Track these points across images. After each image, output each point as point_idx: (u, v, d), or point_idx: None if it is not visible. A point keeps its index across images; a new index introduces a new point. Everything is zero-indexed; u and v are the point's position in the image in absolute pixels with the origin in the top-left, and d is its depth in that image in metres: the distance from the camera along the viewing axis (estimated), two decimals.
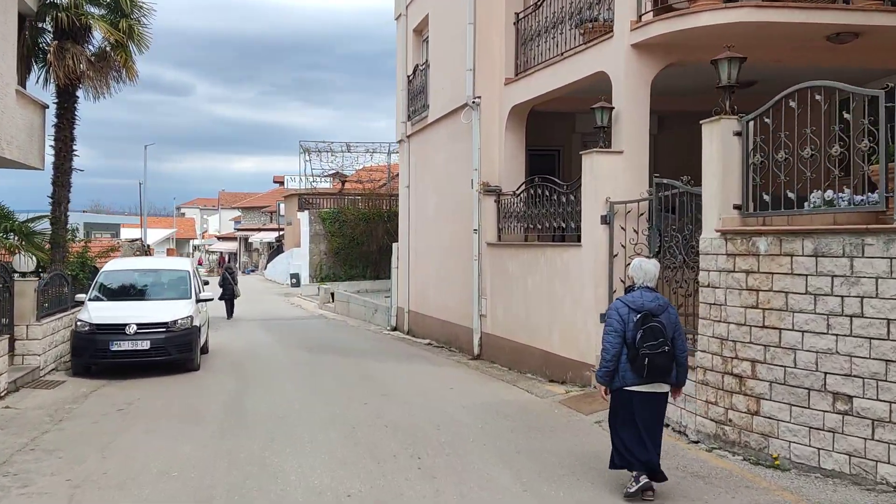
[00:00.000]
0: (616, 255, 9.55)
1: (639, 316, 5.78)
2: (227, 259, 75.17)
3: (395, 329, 19.09)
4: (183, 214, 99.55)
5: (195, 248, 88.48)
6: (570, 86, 11.02)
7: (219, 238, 79.33)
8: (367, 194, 35.14)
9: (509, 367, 12.13)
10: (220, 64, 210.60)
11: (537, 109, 12.82)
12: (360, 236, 34.03)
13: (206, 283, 24.35)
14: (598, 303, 9.55)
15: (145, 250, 31.69)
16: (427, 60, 16.50)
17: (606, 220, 9.69)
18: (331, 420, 8.80)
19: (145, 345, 12.01)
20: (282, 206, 51.26)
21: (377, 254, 34.10)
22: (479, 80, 13.13)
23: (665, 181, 8.50)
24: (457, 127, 14.44)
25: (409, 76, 17.68)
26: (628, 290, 6.33)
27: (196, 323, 12.80)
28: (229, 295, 24.95)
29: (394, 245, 19.51)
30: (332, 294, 28.25)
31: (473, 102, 13.19)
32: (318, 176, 40.52)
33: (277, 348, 15.98)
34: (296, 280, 41.71)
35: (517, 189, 12.30)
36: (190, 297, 13.28)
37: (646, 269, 6.08)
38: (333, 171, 40.42)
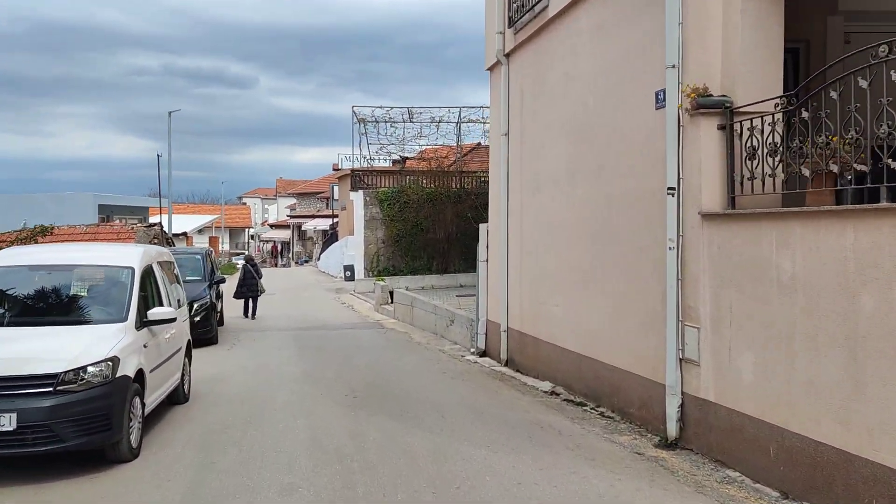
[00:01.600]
0: None
1: None
2: (275, 247, 70.31)
3: (483, 354, 12.63)
4: (244, 203, 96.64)
5: (251, 237, 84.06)
6: None
7: (272, 226, 74.44)
8: (434, 171, 28.76)
9: (781, 486, 5.51)
10: (281, 57, 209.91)
11: None
12: (424, 221, 27.68)
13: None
14: None
15: (165, 239, 25.96)
16: None
17: None
18: None
19: (6, 422, 5.87)
20: (335, 188, 45.40)
21: (445, 243, 27.68)
22: None
23: None
24: (618, 5, 7.86)
25: None
26: None
27: (128, 369, 6.61)
28: (251, 291, 20.96)
29: (481, 228, 13.02)
30: (391, 293, 22.00)
31: None
32: (375, 152, 34.39)
33: (300, 395, 9.68)
34: (350, 273, 35.69)
35: (787, 101, 5.67)
36: (123, 319, 7.08)
37: None
38: (395, 158, 34.30)
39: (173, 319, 7.80)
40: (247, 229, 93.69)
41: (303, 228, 58.83)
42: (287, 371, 11.55)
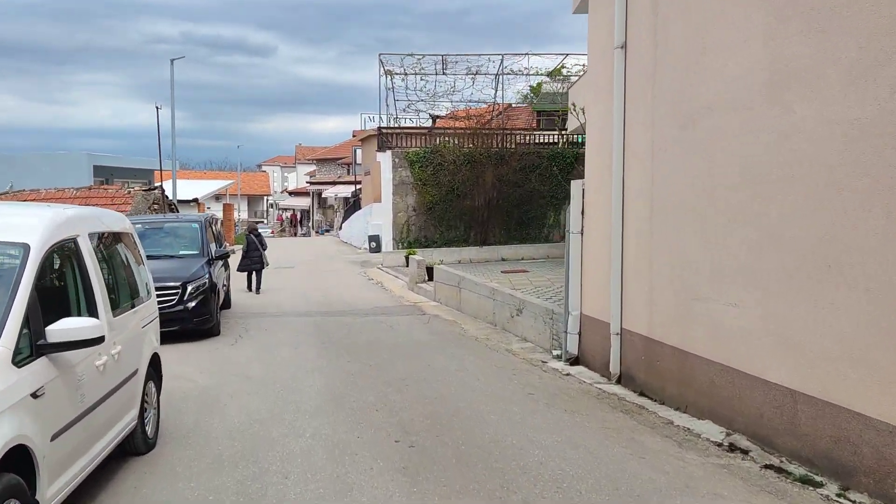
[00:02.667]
0: None
1: None
2: (294, 216, 67.02)
3: (575, 361, 9.14)
4: (263, 171, 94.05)
5: (270, 205, 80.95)
6: None
7: (290, 194, 71.21)
8: (474, 131, 25.07)
9: None
10: (302, 24, 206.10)
11: None
12: (460, 185, 24.10)
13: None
14: None
15: (168, 205, 22.68)
16: None
17: None
18: None
19: None
20: (358, 152, 41.83)
21: (484, 210, 24.16)
22: None
23: None
24: None
25: None
26: None
27: None
28: (255, 264, 18.77)
29: (573, 186, 9.38)
30: (429, 270, 18.55)
31: None
32: (403, 110, 30.66)
33: (327, 444, 6.19)
34: (375, 244, 32.29)
35: None
36: None
37: None
38: (426, 116, 30.59)
39: (99, 340, 4.32)
40: (265, 197, 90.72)
41: (323, 196, 55.44)
42: (306, 388, 8.12)
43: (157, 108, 30.86)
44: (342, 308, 15.45)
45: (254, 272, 18.66)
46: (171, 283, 11.31)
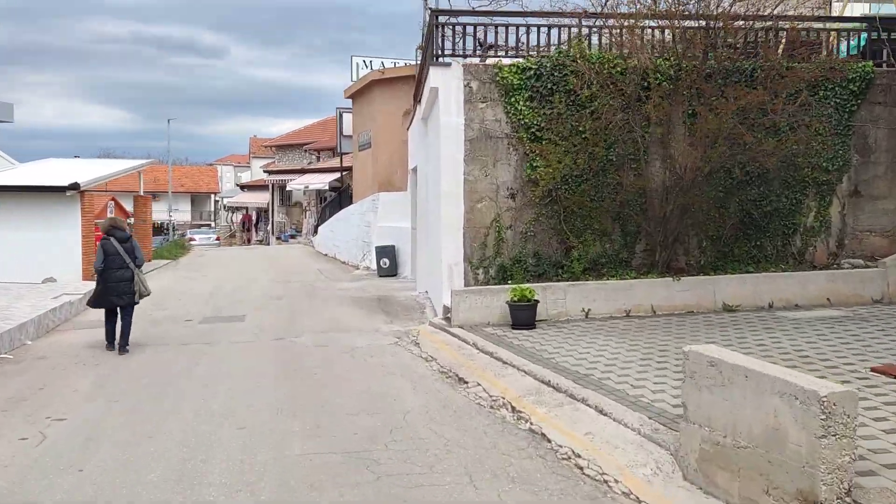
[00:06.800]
0: None
1: None
2: (248, 216, 52.37)
3: None
4: (211, 165, 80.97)
5: (225, 206, 65.96)
6: None
7: (243, 188, 56.69)
8: (674, 13, 11.52)
9: None
10: (255, 27, 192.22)
11: None
12: (623, 143, 10.84)
13: None
14: None
15: None
16: None
17: None
18: None
19: None
20: (346, 118, 27.90)
21: (677, 196, 10.94)
22: None
23: None
24: None
25: None
26: None
27: None
28: (122, 295, 10.04)
29: None
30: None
31: None
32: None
33: None
34: (388, 262, 18.71)
35: None
36: None
37: None
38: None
39: None
40: (212, 195, 75.82)
41: (287, 189, 41.29)
42: None
43: None
44: None
45: (119, 310, 9.99)
46: None
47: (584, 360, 7.84)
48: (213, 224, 69.35)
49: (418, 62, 19.39)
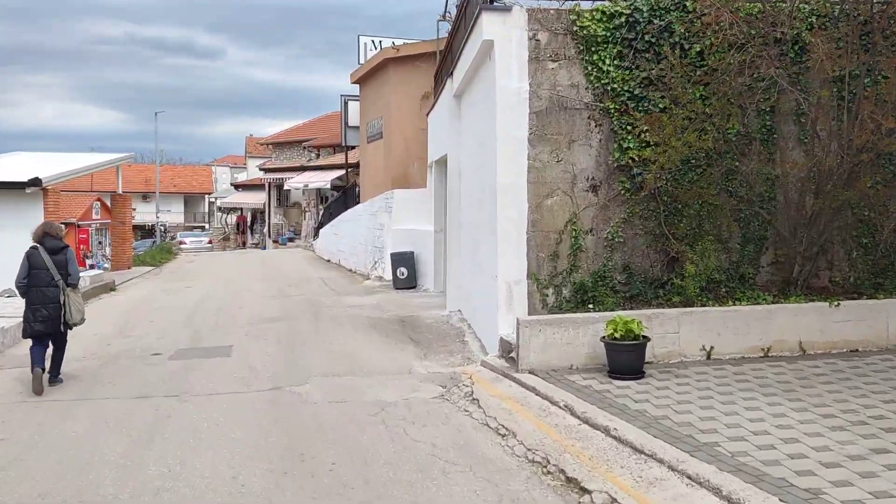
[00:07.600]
0: None
1: None
2: (242, 218, 49.15)
3: None
4: (205, 165, 78.41)
5: (219, 208, 62.74)
6: None
7: (238, 188, 53.59)
8: None
9: None
10: (253, 27, 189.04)
11: None
12: (759, 119, 7.74)
13: None
14: None
15: None
16: None
17: None
18: None
19: None
20: (350, 107, 24.77)
21: (832, 190, 7.71)
22: None
23: None
24: None
25: None
26: None
27: None
28: (48, 320, 7.45)
29: None
30: None
31: None
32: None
33: None
34: (405, 273, 15.68)
35: None
36: None
37: None
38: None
39: None
40: (206, 196, 72.59)
41: (285, 188, 38.18)
42: None
43: None
44: None
45: (47, 338, 7.66)
46: None
47: (762, 443, 4.80)
48: (206, 226, 66.25)
49: (439, 37, 16.37)
